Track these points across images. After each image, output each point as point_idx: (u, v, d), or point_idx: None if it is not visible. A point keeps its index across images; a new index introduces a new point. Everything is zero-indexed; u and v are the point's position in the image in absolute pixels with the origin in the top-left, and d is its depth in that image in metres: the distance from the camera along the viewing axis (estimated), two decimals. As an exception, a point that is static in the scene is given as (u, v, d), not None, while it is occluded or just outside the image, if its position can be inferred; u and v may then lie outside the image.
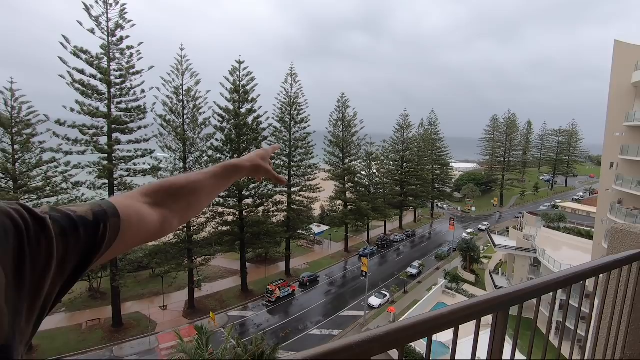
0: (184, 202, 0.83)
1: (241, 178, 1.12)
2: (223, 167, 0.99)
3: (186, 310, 33.71)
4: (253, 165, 1.10)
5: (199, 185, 0.88)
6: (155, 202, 0.76)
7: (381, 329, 0.98)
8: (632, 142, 26.69)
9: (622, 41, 27.26)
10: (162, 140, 32.92)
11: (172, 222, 0.80)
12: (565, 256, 33.99)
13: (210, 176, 0.93)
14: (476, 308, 1.17)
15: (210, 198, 0.94)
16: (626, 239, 1.97)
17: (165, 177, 0.95)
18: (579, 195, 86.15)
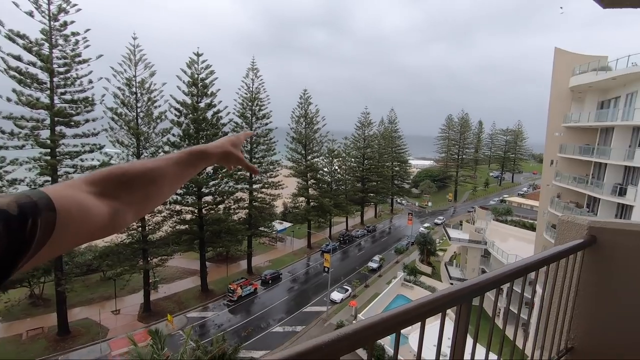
0: (140, 193, 0.72)
1: (209, 166, 1.00)
2: (188, 153, 0.88)
3: (141, 313, 32.09)
4: (223, 152, 0.99)
5: (160, 174, 0.77)
6: (104, 192, 0.65)
7: (350, 328, 0.95)
8: (569, 142, 29.20)
9: (562, 49, 29.65)
10: (113, 134, 30.91)
11: (126, 216, 0.68)
12: (512, 247, 36.57)
13: (172, 163, 0.82)
14: (441, 301, 1.18)
15: (172, 188, 0.83)
16: (572, 229, 2.11)
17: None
18: (523, 191, 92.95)
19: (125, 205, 0.68)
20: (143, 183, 0.72)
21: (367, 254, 50.57)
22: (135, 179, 0.71)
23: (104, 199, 0.64)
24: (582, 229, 2.05)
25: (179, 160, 0.83)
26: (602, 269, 2.04)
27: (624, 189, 23.20)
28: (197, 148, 0.91)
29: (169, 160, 0.81)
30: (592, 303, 2.07)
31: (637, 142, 22.83)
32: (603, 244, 2.01)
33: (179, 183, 0.84)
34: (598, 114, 26.30)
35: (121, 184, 0.68)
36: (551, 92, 30.12)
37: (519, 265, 1.52)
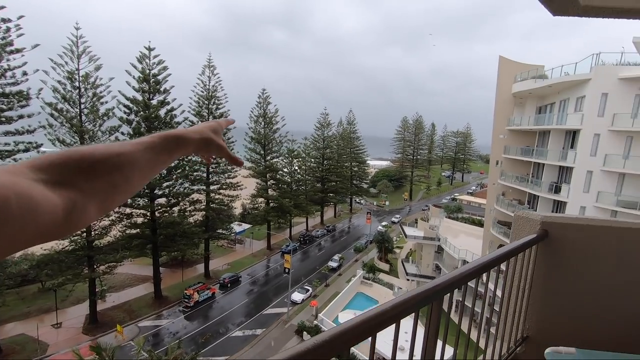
0: (104, 182, 0.59)
1: (187, 155, 0.85)
2: (163, 137, 0.74)
3: (87, 325, 29.75)
4: (203, 138, 0.85)
5: (128, 159, 0.63)
6: (58, 179, 0.51)
7: (326, 334, 0.89)
8: (512, 144, 31.59)
9: (505, 57, 31.95)
10: (53, 132, 28.34)
11: (87, 210, 0.55)
12: (463, 243, 38.75)
13: (143, 148, 0.68)
14: (414, 300, 1.17)
15: (143, 179, 0.69)
16: (526, 224, 2.23)
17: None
18: (472, 189, 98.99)
19: (86, 196, 0.55)
20: (108, 169, 0.60)
21: (327, 253, 50.99)
22: (99, 165, 0.58)
23: (57, 188, 0.50)
24: (536, 224, 2.17)
25: (151, 145, 0.70)
26: (552, 261, 2.18)
27: (558, 187, 25.51)
28: (173, 133, 0.78)
29: (138, 145, 0.68)
30: (544, 293, 2.20)
31: (569, 144, 25.20)
32: (554, 238, 2.14)
33: (151, 173, 0.71)
34: (536, 118, 28.69)
35: (80, 170, 0.55)
36: (496, 97, 32.34)
37: (484, 261, 1.56)
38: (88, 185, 0.56)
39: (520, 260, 1.99)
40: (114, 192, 0.62)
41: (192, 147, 0.82)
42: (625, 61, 22.62)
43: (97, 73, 29.79)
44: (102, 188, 0.59)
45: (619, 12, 1.91)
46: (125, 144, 0.66)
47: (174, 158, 0.78)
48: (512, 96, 31.27)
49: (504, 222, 30.87)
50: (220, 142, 0.90)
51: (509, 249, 1.76)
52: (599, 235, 2.10)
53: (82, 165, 0.56)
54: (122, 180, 0.63)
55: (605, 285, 2.10)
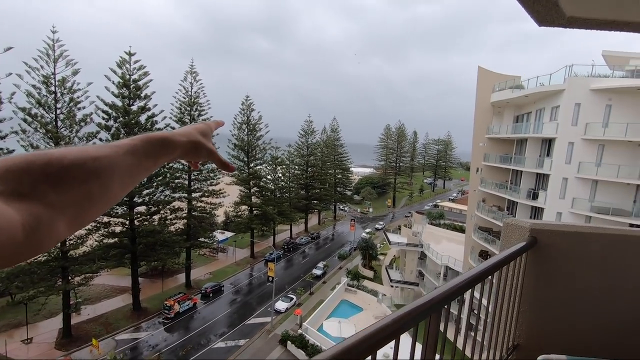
0: (77, 192, 0.48)
1: (173, 160, 0.74)
2: (146, 140, 0.64)
3: (60, 340, 28.41)
4: (191, 142, 0.76)
5: (107, 165, 0.53)
6: (16, 190, 0.42)
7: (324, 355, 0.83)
8: (491, 151, 32.44)
9: (484, 67, 32.95)
10: (27, 137, 27.24)
11: (56, 226, 0.45)
12: (445, 249, 39.29)
13: (124, 152, 0.58)
14: (414, 313, 1.13)
15: (125, 187, 0.59)
16: (515, 231, 2.24)
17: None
18: (453, 196, 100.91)
19: (55, 210, 0.45)
20: (82, 177, 0.49)
21: (311, 261, 50.68)
22: (71, 171, 0.48)
23: (15, 201, 0.41)
24: (525, 231, 2.18)
25: (133, 149, 0.60)
26: (542, 269, 2.19)
27: (536, 193, 26.28)
28: (157, 135, 0.67)
29: (118, 148, 0.58)
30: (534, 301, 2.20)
31: (545, 152, 26.06)
32: (543, 245, 2.16)
33: (133, 181, 0.61)
34: (514, 127, 29.59)
35: (47, 178, 0.45)
36: (476, 106, 33.21)
37: (478, 271, 1.54)
38: (57, 197, 0.45)
39: (510, 268, 1.99)
40: (89, 204, 0.51)
41: (178, 151, 0.72)
42: (596, 73, 23.70)
43: (74, 78, 28.96)
44: (75, 200, 0.48)
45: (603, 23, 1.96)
46: (102, 146, 0.56)
47: (159, 164, 0.69)
48: (491, 105, 32.18)
49: (484, 228, 31.48)
50: (210, 146, 0.81)
51: (502, 257, 1.75)
52: (587, 241, 2.12)
53: (48, 171, 0.45)
54: (99, 189, 0.52)
55: (595, 291, 2.12)
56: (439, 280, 37.17)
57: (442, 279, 36.99)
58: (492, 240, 29.71)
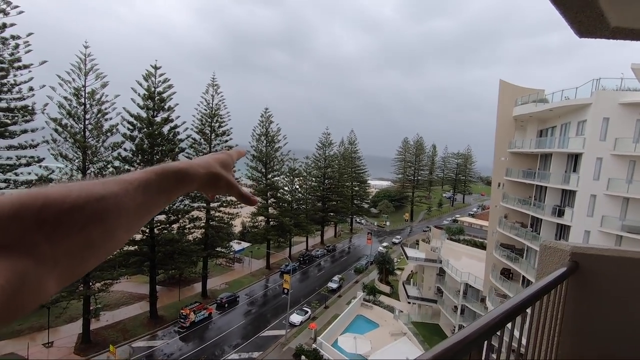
0: (74, 241, 0.40)
1: (189, 192, 0.67)
2: (161, 173, 0.57)
3: (79, 345, 28.90)
4: (210, 173, 0.69)
5: (114, 206, 0.45)
6: (3, 240, 0.35)
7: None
8: (513, 166, 31.56)
9: (505, 81, 32.40)
10: (56, 147, 28.43)
11: (44, 284, 0.37)
12: (465, 265, 38.14)
13: (135, 189, 0.50)
14: (454, 349, 1.02)
15: (131, 229, 0.50)
16: (554, 255, 2.08)
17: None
18: (473, 211, 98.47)
19: (45, 264, 0.37)
20: (83, 222, 0.41)
21: (327, 274, 50.14)
22: (70, 215, 0.40)
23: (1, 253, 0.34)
24: (565, 255, 2.03)
25: (145, 184, 0.53)
26: (585, 297, 2.02)
27: (562, 210, 25.27)
28: (173, 167, 0.60)
29: (128, 183, 0.50)
30: (576, 332, 2.02)
31: (572, 168, 25.14)
32: (586, 271, 1.99)
33: (142, 221, 0.53)
34: (538, 141, 28.77)
35: (40, 225, 0.37)
36: (497, 120, 32.55)
37: (520, 300, 1.41)
38: (50, 248, 0.37)
39: (550, 297, 1.83)
40: (87, 254, 0.43)
41: (196, 184, 0.66)
42: (625, 86, 22.88)
43: (103, 90, 30.19)
44: (71, 250, 0.40)
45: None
46: (109, 182, 0.48)
47: (173, 199, 0.62)
48: (513, 119, 31.48)
49: (507, 245, 30.44)
50: (230, 179, 0.75)
51: (542, 285, 1.61)
52: (638, 268, 1.94)
53: (44, 217, 0.37)
54: (101, 236, 0.44)
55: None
56: (458, 298, 35.99)
57: (461, 297, 35.79)
58: (515, 258, 28.66)
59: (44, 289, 0.36)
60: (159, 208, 0.58)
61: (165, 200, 0.58)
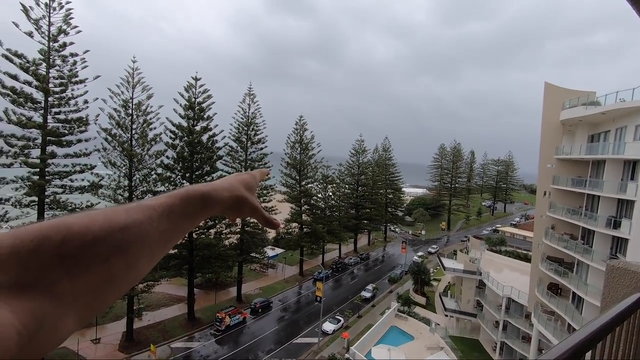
0: (96, 276, 0.38)
1: (212, 215, 0.64)
2: (185, 199, 0.55)
3: (123, 343, 30.43)
4: (234, 197, 0.67)
5: (137, 236, 0.43)
6: (19, 280, 0.32)
7: None
8: (561, 173, 29.49)
9: (551, 84, 30.54)
10: (106, 155, 30.48)
11: (63, 323, 0.34)
12: (507, 278, 36.05)
13: (158, 216, 0.49)
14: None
15: (154, 259, 0.49)
16: (624, 277, 1.84)
17: (76, 214, 0.40)
18: (516, 221, 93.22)
19: (65, 302, 0.34)
20: (105, 255, 0.39)
21: (360, 282, 49.42)
22: (92, 248, 0.37)
23: (17, 296, 0.31)
24: (638, 278, 1.79)
25: (169, 210, 0.51)
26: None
27: (618, 221, 23.18)
28: (197, 191, 0.59)
29: (152, 210, 0.48)
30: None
31: (629, 175, 23.08)
32: (664, 296, 1.74)
33: (164, 250, 0.51)
34: (589, 147, 26.72)
35: (61, 260, 0.35)
36: (542, 125, 30.70)
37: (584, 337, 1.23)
38: (70, 284, 0.35)
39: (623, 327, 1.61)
40: (108, 288, 0.40)
41: (219, 208, 0.64)
42: (692, 86, 20.76)
43: (148, 101, 32.03)
44: (92, 285, 0.37)
45: None
46: (132, 209, 0.46)
47: (197, 224, 0.60)
48: (560, 124, 29.54)
49: (554, 258, 28.43)
50: (254, 202, 0.72)
51: (614, 315, 1.41)
52: None
53: (64, 251, 0.35)
54: (123, 268, 0.41)
55: None
56: (499, 312, 34.01)
57: (503, 312, 33.81)
58: (564, 272, 26.69)
59: (63, 330, 0.34)
60: (182, 234, 0.56)
61: (188, 226, 0.57)
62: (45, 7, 25.63)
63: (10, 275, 0.31)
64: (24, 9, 24.50)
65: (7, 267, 0.31)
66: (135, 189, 31.72)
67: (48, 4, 25.72)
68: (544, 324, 26.78)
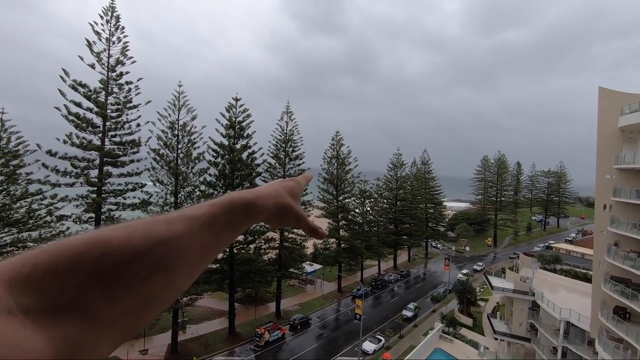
0: (134, 295, 0.35)
1: (256, 223, 0.61)
2: (228, 207, 0.52)
3: (168, 355, 31.42)
4: (279, 204, 0.64)
5: (177, 250, 0.40)
6: (54, 301, 0.29)
7: None
8: (623, 184, 26.93)
9: (606, 88, 28.38)
10: (154, 174, 32.46)
11: (98, 350, 0.31)
12: (565, 299, 33.10)
13: (201, 226, 0.46)
14: None
15: (194, 274, 0.46)
16: None
17: (138, 218, 0.43)
18: (571, 237, 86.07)
19: (101, 326, 0.31)
20: (145, 272, 0.36)
21: (401, 300, 47.70)
22: (131, 265, 0.35)
23: (52, 319, 0.28)
24: None
25: (211, 220, 0.48)
26: None
27: (695, 237, 20.65)
28: (241, 198, 0.55)
29: (194, 221, 0.45)
30: None
31: None
32: None
33: (206, 263, 0.47)
34: (655, 154, 24.32)
35: (99, 279, 0.32)
36: (598, 133, 28.47)
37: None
38: (106, 306, 0.32)
39: None
40: (146, 309, 0.37)
41: (264, 215, 0.60)
42: None
43: (192, 122, 33.92)
44: (130, 306, 0.34)
45: None
46: (174, 221, 0.43)
47: (239, 234, 0.56)
48: (619, 130, 27.22)
49: (619, 279, 25.76)
50: (299, 210, 0.69)
51: None
52: None
53: (102, 268, 0.32)
54: (163, 286, 0.38)
55: None
56: (557, 338, 31.14)
57: (561, 337, 30.93)
58: (633, 295, 24.03)
59: (97, 356, 0.31)
60: (224, 246, 0.53)
61: (231, 236, 0.53)
62: (105, 41, 28.36)
63: (45, 297, 0.28)
64: (88, 44, 27.23)
65: (43, 288, 0.29)
66: (181, 205, 33.29)
67: (109, 38, 28.46)
68: (611, 352, 24.10)
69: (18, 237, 26.44)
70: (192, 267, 0.44)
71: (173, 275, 0.39)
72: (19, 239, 26.37)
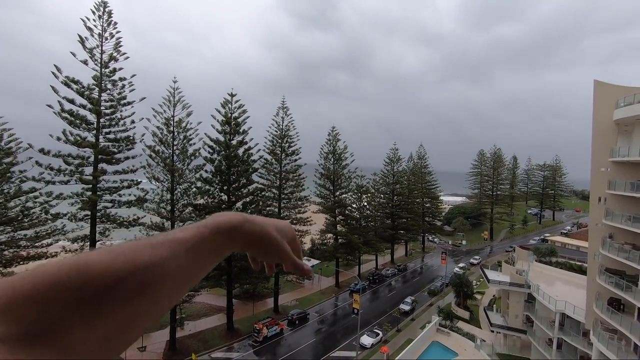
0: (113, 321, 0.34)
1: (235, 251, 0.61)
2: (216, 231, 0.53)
3: (167, 351, 31.46)
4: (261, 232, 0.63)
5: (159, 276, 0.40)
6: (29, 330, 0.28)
7: None
8: (618, 177, 27.11)
9: (602, 81, 28.45)
10: (150, 171, 32.24)
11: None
12: (560, 292, 33.44)
13: (187, 250, 0.46)
14: None
15: (176, 297, 0.46)
16: None
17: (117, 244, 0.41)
18: (567, 229, 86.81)
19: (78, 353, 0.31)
20: (126, 297, 0.35)
21: (398, 294, 48.01)
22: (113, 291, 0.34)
23: (25, 348, 0.27)
24: None
25: (199, 243, 0.48)
26: None
27: (688, 229, 20.88)
28: (227, 224, 0.55)
29: (179, 244, 0.45)
30: None
31: (699, 178, 20.79)
32: None
33: (188, 286, 0.48)
34: (650, 147, 24.48)
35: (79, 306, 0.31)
36: (593, 126, 28.60)
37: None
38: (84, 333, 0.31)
39: None
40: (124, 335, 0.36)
41: (244, 240, 0.59)
42: None
43: (188, 119, 33.65)
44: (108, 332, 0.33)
45: None
46: (157, 244, 0.42)
47: (222, 258, 0.57)
48: (614, 123, 27.35)
49: (614, 271, 26.05)
50: (282, 244, 0.68)
51: None
52: None
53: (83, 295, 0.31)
54: (144, 310, 0.38)
55: None
56: (553, 329, 31.51)
57: (557, 329, 31.29)
58: (627, 286, 24.34)
59: None
60: (209, 268, 0.53)
61: (214, 260, 0.53)
62: (98, 37, 28.01)
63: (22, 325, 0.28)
64: (81, 40, 26.88)
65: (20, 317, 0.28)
66: (177, 202, 33.16)
67: (101, 34, 28.09)
68: (606, 343, 24.42)
69: (14, 235, 26.27)
70: (175, 290, 0.43)
71: (155, 299, 0.39)
72: (14, 237, 26.19)
